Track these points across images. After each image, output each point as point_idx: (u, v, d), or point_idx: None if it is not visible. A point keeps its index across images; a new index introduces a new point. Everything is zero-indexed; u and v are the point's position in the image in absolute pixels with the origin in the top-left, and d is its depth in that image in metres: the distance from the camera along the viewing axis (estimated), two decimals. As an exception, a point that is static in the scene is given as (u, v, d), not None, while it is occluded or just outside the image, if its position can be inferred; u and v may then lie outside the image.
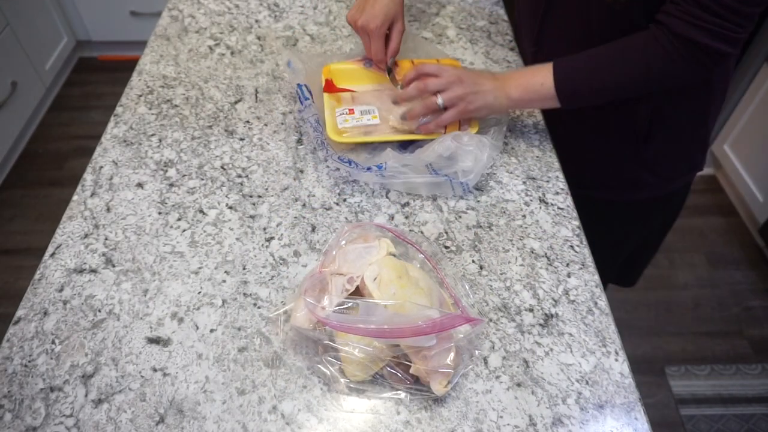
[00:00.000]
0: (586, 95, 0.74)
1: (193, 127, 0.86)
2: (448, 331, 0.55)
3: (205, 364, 0.59)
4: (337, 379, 0.57)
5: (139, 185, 0.78)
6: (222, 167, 0.80)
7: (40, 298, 0.65)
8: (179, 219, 0.73)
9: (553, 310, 0.65)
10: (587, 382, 0.59)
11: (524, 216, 0.74)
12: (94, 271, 0.68)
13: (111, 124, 0.86)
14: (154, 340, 0.61)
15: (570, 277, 0.68)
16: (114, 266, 0.68)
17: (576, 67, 0.73)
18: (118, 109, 0.89)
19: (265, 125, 0.86)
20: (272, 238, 0.71)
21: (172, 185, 0.78)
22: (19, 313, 0.64)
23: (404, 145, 0.81)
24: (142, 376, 0.58)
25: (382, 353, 0.55)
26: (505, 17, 1.09)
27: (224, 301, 0.65)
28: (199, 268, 0.68)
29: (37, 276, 0.67)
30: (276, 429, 0.55)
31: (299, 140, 0.84)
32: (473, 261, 0.69)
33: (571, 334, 0.62)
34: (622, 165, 0.88)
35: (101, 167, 0.80)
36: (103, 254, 0.69)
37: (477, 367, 0.59)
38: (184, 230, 0.72)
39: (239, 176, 0.79)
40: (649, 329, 1.71)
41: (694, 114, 0.82)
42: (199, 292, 0.66)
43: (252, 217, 0.74)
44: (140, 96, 0.91)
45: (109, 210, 0.74)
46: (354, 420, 0.56)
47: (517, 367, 0.60)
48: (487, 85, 0.75)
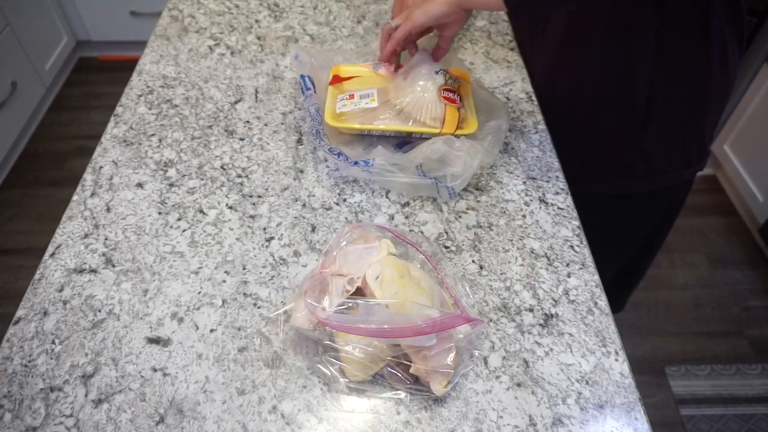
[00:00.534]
0: None
1: (193, 127, 0.86)
2: (448, 331, 0.55)
3: (205, 364, 0.59)
4: (337, 379, 0.57)
5: (139, 185, 0.78)
6: (222, 167, 0.80)
7: (40, 298, 0.65)
8: (179, 219, 0.73)
9: (553, 310, 0.65)
10: (587, 382, 0.59)
11: (524, 216, 0.74)
12: (94, 271, 0.68)
13: (111, 124, 0.86)
14: (154, 340, 0.61)
15: (570, 277, 0.68)
16: (114, 266, 0.68)
17: None
18: (118, 109, 0.89)
19: (265, 125, 0.86)
20: (272, 238, 0.71)
21: (172, 185, 0.78)
22: (19, 313, 0.64)
23: (400, 145, 0.81)
24: (142, 376, 0.58)
25: (382, 353, 0.55)
26: (505, 17, 1.09)
27: (224, 301, 0.65)
28: (199, 268, 0.68)
29: (37, 276, 0.67)
30: (276, 429, 0.55)
31: (299, 140, 0.84)
32: (473, 261, 0.69)
33: (571, 334, 0.62)
34: (619, 152, 0.88)
35: (101, 167, 0.80)
36: (103, 254, 0.69)
37: (477, 367, 0.59)
38: (184, 230, 0.72)
39: (239, 176, 0.79)
40: (649, 329, 1.72)
41: (693, 101, 0.82)
42: (199, 292, 0.66)
43: (252, 217, 0.74)
44: (140, 96, 0.91)
45: (109, 210, 0.74)
46: (354, 420, 0.56)
47: (517, 367, 0.60)
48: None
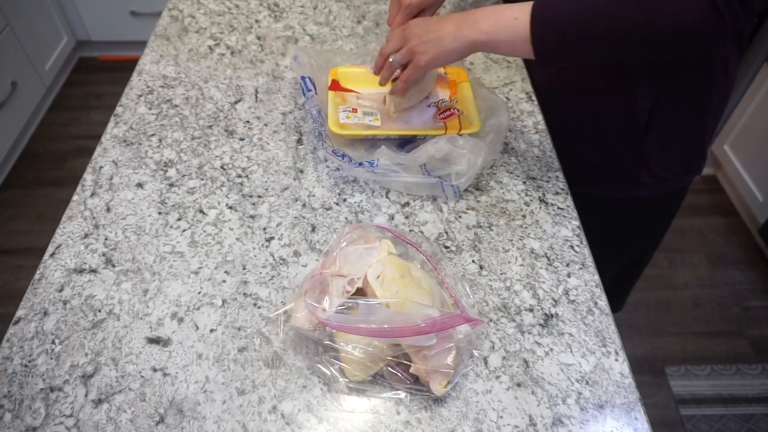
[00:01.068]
0: (568, 39, 0.62)
1: (193, 127, 0.86)
2: (448, 331, 0.55)
3: (205, 364, 0.59)
4: (337, 379, 0.57)
5: (139, 185, 0.78)
6: (222, 167, 0.80)
7: (40, 298, 0.65)
8: (179, 219, 0.73)
9: (553, 310, 0.65)
10: (587, 382, 0.59)
11: (524, 216, 0.74)
12: (94, 271, 0.68)
13: (111, 124, 0.86)
14: (154, 340, 0.61)
15: (570, 277, 0.68)
16: (114, 266, 0.68)
17: (561, 3, 0.62)
18: (118, 109, 0.89)
19: (265, 125, 0.86)
20: (272, 238, 0.71)
21: (172, 185, 0.78)
22: (19, 313, 0.64)
23: (402, 145, 0.81)
24: (142, 376, 0.58)
25: (382, 353, 0.55)
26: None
27: (224, 301, 0.65)
28: (199, 268, 0.68)
29: (37, 276, 0.67)
30: (276, 429, 0.55)
31: (299, 140, 0.84)
32: (473, 261, 0.69)
33: (571, 334, 0.62)
34: (620, 159, 0.87)
35: (101, 167, 0.80)
36: (103, 254, 0.69)
37: (477, 367, 0.59)
38: (184, 230, 0.72)
39: (239, 176, 0.79)
40: (649, 329, 1.71)
41: (694, 111, 0.81)
42: (199, 292, 0.66)
43: (252, 217, 0.74)
44: (140, 96, 0.91)
45: (109, 210, 0.74)
46: (354, 420, 0.56)
47: (517, 367, 0.60)
48: (445, 28, 0.68)
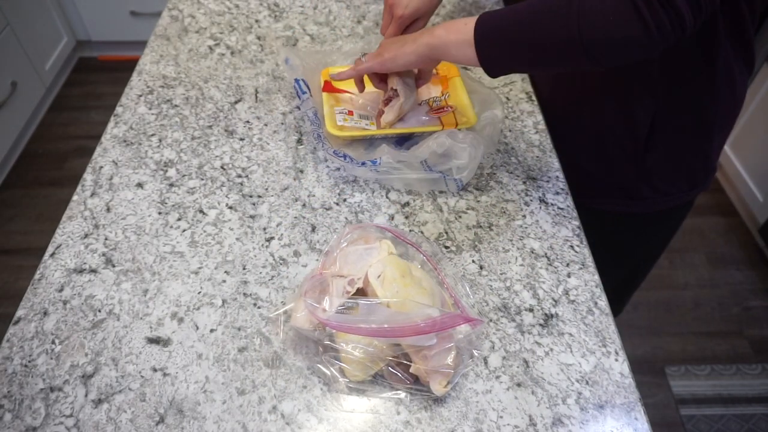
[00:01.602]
0: (504, 45, 0.65)
1: (193, 127, 0.86)
2: (448, 331, 0.55)
3: (205, 364, 0.59)
4: (337, 379, 0.57)
5: (139, 185, 0.78)
6: (222, 167, 0.80)
7: (40, 298, 0.65)
8: (179, 219, 0.73)
9: (553, 310, 0.65)
10: (587, 382, 0.59)
11: (524, 216, 0.74)
12: (94, 271, 0.68)
13: (111, 124, 0.86)
14: (154, 340, 0.61)
15: (570, 277, 0.68)
16: (114, 266, 0.68)
17: (502, 12, 0.65)
18: (118, 109, 0.89)
19: (265, 125, 0.86)
20: (272, 238, 0.71)
21: (172, 185, 0.78)
22: (19, 313, 0.64)
23: (400, 142, 0.81)
24: (142, 376, 0.58)
25: (382, 353, 0.55)
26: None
27: (224, 301, 0.65)
28: (199, 268, 0.68)
29: (37, 276, 0.67)
30: (276, 429, 0.55)
31: (299, 140, 0.84)
32: (473, 261, 0.69)
33: (571, 334, 0.62)
34: (621, 175, 0.86)
35: (101, 167, 0.80)
36: (103, 254, 0.69)
37: (477, 367, 0.59)
38: (184, 230, 0.72)
39: (239, 176, 0.79)
40: (649, 329, 1.71)
41: (697, 125, 0.80)
42: (199, 292, 0.66)
43: (252, 217, 0.74)
44: (140, 96, 0.91)
45: (109, 210, 0.74)
46: (354, 420, 0.56)
47: (517, 367, 0.60)
48: (410, 38, 0.73)
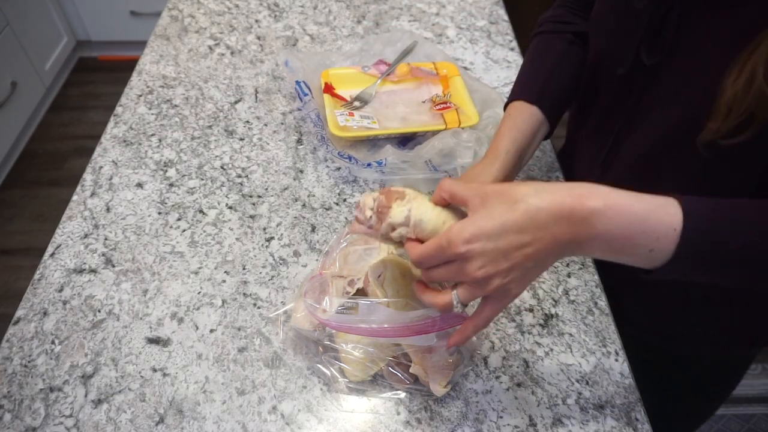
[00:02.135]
0: (716, 263, 0.42)
1: (193, 127, 0.86)
2: (447, 330, 0.55)
3: (205, 364, 0.59)
4: (337, 379, 0.57)
5: (139, 185, 0.77)
6: (222, 167, 0.80)
7: (39, 298, 0.65)
8: (179, 219, 0.73)
9: (553, 310, 0.65)
10: (587, 382, 0.59)
11: (524, 216, 0.74)
12: (93, 271, 0.68)
13: (111, 124, 0.86)
14: (153, 340, 0.61)
15: (570, 277, 0.68)
16: (114, 266, 0.68)
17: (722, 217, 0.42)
18: (118, 109, 0.89)
19: (265, 125, 0.86)
20: (272, 238, 0.71)
21: (171, 185, 0.78)
22: (19, 313, 0.64)
23: (404, 142, 0.81)
24: (141, 377, 0.58)
25: (382, 353, 0.55)
26: (505, 17, 1.09)
27: (224, 301, 0.65)
28: (199, 268, 0.68)
29: (36, 276, 0.67)
30: (276, 429, 0.55)
31: (299, 140, 0.84)
32: (473, 261, 0.69)
33: (571, 334, 0.62)
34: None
35: (101, 167, 0.80)
36: (103, 254, 0.69)
37: (477, 367, 0.59)
38: (184, 230, 0.72)
39: (239, 176, 0.79)
40: (649, 329, 1.71)
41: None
42: (199, 292, 0.66)
43: (252, 217, 0.74)
44: (140, 96, 0.91)
45: (108, 210, 0.74)
46: (354, 420, 0.56)
47: (517, 367, 0.60)
48: (537, 249, 0.42)
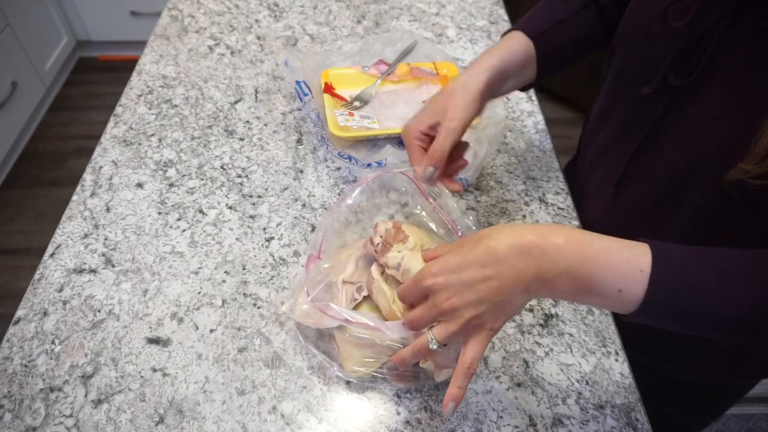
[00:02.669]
0: (684, 314, 0.41)
1: (192, 127, 0.86)
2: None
3: (205, 365, 0.59)
4: (337, 374, 0.57)
5: (139, 185, 0.77)
6: (222, 167, 0.80)
7: (39, 298, 0.65)
8: (179, 219, 0.73)
9: (553, 310, 0.64)
10: (587, 382, 0.59)
11: (524, 216, 0.74)
12: (93, 271, 0.68)
13: (111, 124, 0.86)
14: (153, 341, 0.61)
15: (570, 277, 0.68)
16: (114, 266, 0.68)
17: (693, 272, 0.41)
18: (118, 109, 0.89)
19: (265, 125, 0.86)
20: (272, 238, 0.71)
21: (171, 185, 0.78)
22: (19, 313, 0.64)
23: (401, 142, 0.81)
24: (141, 377, 0.58)
25: (384, 349, 0.55)
26: (506, 17, 1.09)
27: (224, 301, 0.65)
28: (199, 268, 0.68)
29: (36, 276, 0.67)
30: (276, 429, 0.55)
31: (299, 140, 0.84)
32: (473, 261, 0.69)
33: (571, 334, 0.62)
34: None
35: (101, 167, 0.80)
36: (103, 254, 0.69)
37: (477, 367, 0.59)
38: (184, 230, 0.72)
39: (239, 176, 0.79)
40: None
41: None
42: (199, 292, 0.66)
43: (252, 217, 0.74)
44: (140, 96, 0.91)
45: (108, 210, 0.74)
46: (354, 420, 0.56)
47: (517, 367, 0.60)
48: (501, 283, 0.43)
